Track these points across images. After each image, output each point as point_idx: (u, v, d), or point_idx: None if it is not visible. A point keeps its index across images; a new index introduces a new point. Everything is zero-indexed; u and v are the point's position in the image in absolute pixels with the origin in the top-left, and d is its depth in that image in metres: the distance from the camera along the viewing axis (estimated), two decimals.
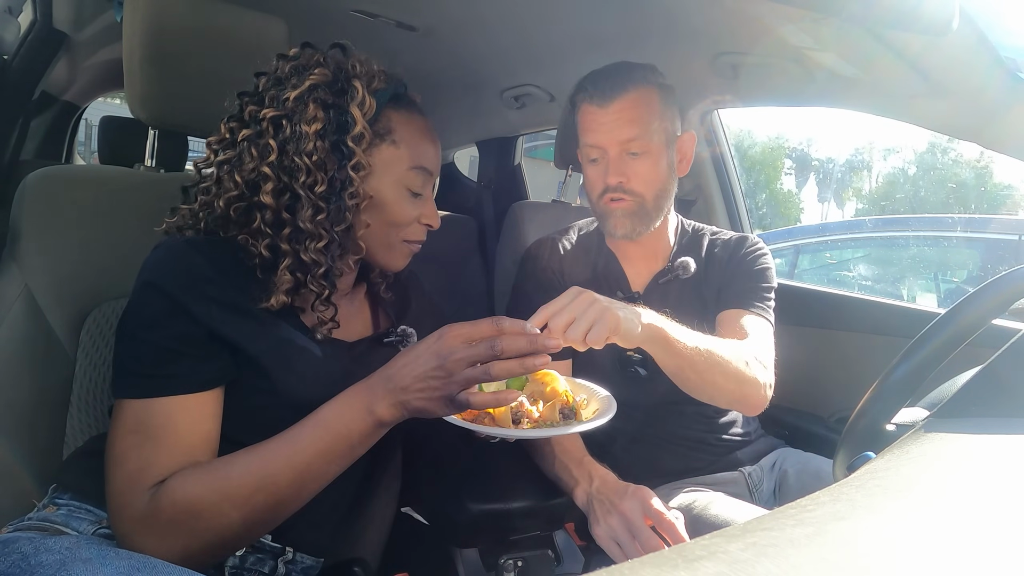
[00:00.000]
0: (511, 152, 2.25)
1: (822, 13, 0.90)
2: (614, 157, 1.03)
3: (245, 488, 0.64)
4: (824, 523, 0.33)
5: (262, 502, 0.65)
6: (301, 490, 0.67)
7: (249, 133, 0.74)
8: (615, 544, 0.81)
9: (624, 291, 1.10)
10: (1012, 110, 0.94)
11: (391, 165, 0.77)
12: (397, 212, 0.78)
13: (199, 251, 0.71)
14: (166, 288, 0.68)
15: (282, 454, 0.66)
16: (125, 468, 0.65)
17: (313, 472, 0.67)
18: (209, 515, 0.64)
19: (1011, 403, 0.53)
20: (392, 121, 0.77)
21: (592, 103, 1.03)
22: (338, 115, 0.73)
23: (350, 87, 0.74)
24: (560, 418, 0.77)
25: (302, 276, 0.73)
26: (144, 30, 0.89)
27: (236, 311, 0.70)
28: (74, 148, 3.00)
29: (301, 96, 0.72)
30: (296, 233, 0.72)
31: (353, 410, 0.67)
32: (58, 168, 0.92)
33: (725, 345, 0.90)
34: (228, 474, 0.65)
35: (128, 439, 0.66)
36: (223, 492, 0.64)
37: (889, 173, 17.92)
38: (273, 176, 0.72)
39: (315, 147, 0.71)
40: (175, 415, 0.66)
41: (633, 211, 1.04)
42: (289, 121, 0.72)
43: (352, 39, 0.81)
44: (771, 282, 1.10)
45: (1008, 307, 0.66)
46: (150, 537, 0.63)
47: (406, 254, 0.83)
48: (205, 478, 0.65)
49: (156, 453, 0.65)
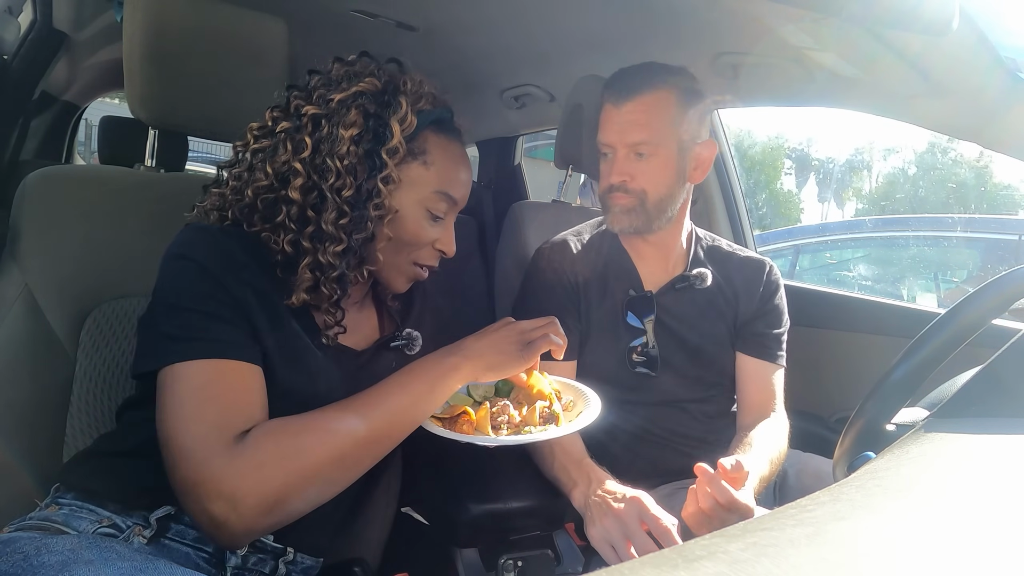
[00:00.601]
0: (511, 152, 2.25)
1: (822, 13, 0.90)
2: (620, 156, 1.04)
3: (348, 425, 0.66)
4: (824, 523, 0.33)
5: (360, 440, 0.67)
6: (392, 431, 0.70)
7: (288, 126, 0.75)
8: (609, 547, 0.81)
9: (636, 289, 1.10)
10: (1012, 110, 0.94)
11: (417, 184, 0.77)
12: (413, 231, 0.78)
13: (230, 237, 0.72)
14: (204, 264, 0.68)
15: (377, 396, 0.70)
16: (203, 420, 0.62)
17: (402, 413, 0.70)
18: (311, 447, 0.64)
19: (1011, 403, 0.53)
20: (429, 143, 0.78)
21: (610, 100, 1.05)
22: (377, 125, 0.73)
23: (395, 101, 0.75)
24: (540, 423, 0.77)
25: (319, 276, 0.73)
26: (144, 30, 0.89)
27: (264, 300, 0.71)
28: (74, 148, 3.00)
29: (345, 100, 0.73)
30: (318, 233, 0.72)
31: (431, 361, 0.74)
32: (58, 168, 0.93)
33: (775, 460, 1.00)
34: (327, 414, 0.67)
35: (200, 394, 0.64)
36: (321, 426, 0.65)
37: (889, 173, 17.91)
38: (303, 173, 0.72)
39: (348, 151, 0.72)
40: (243, 377, 0.66)
41: (631, 208, 1.04)
42: (328, 121, 0.73)
43: (352, 39, 0.81)
44: (787, 321, 1.15)
45: (1008, 307, 0.65)
46: (248, 478, 0.60)
47: (410, 277, 0.82)
48: (301, 417, 0.66)
49: (236, 404, 0.64)
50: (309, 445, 0.64)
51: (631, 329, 1.08)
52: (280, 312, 0.72)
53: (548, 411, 0.78)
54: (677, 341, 1.09)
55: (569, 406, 0.82)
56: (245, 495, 0.60)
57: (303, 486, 0.63)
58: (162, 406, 0.64)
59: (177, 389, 0.64)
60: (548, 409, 0.78)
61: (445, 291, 0.96)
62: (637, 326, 1.08)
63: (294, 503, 0.64)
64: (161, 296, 0.69)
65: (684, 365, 1.09)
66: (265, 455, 0.62)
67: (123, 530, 0.69)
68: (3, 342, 0.83)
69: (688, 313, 1.10)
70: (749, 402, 1.11)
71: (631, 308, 1.09)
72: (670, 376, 1.08)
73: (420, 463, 1.04)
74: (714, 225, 1.80)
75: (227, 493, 0.60)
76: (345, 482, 0.68)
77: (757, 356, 1.11)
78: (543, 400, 0.79)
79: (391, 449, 0.71)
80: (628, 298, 1.09)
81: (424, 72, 0.81)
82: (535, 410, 0.77)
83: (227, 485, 0.60)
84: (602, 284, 1.11)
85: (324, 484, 0.66)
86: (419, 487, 1.05)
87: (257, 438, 0.62)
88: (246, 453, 0.61)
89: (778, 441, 1.03)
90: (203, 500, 0.60)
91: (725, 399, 1.14)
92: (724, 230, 1.81)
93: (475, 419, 0.75)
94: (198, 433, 0.62)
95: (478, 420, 0.75)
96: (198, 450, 0.61)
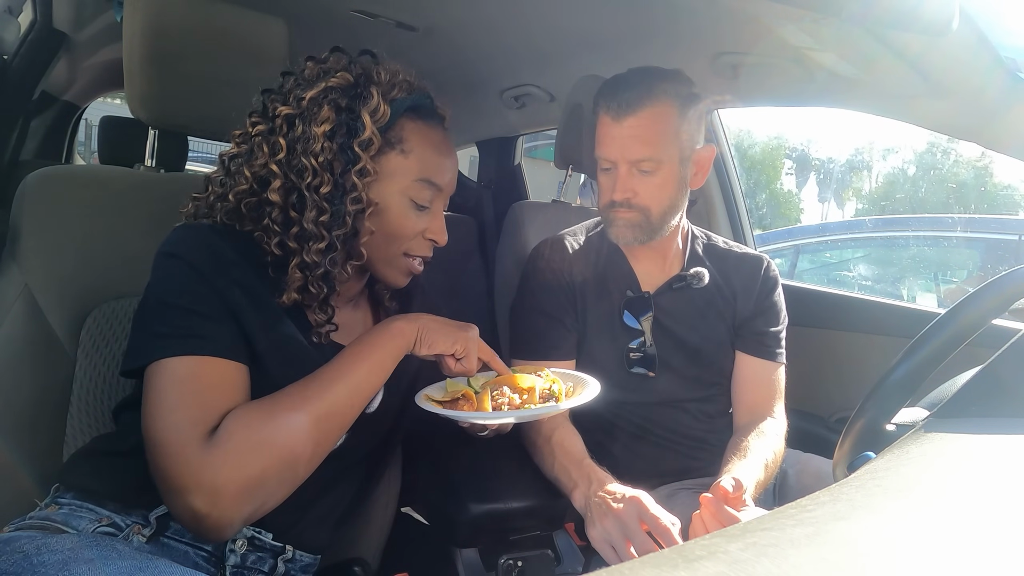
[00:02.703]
0: (511, 152, 2.25)
1: (822, 13, 0.90)
2: (623, 173, 1.01)
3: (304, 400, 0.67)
4: (824, 523, 0.33)
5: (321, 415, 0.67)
6: (352, 402, 0.71)
7: (263, 128, 0.75)
8: (609, 547, 0.81)
9: (634, 290, 1.10)
10: (1012, 110, 0.94)
11: (397, 174, 0.76)
12: (398, 223, 0.77)
13: (221, 236, 0.72)
14: (193, 262, 0.68)
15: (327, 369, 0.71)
16: (182, 414, 0.63)
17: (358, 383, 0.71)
18: (281, 429, 0.64)
19: (1011, 403, 0.53)
20: (406, 131, 0.77)
21: (608, 114, 1.01)
22: (349, 119, 0.73)
23: (366, 93, 0.74)
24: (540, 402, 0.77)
25: (307, 275, 0.73)
26: (144, 30, 0.89)
27: (254, 298, 0.71)
28: (74, 148, 3.00)
29: (316, 97, 0.73)
30: (302, 232, 0.72)
31: (377, 328, 0.76)
32: (58, 168, 0.93)
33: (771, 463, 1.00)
34: (287, 397, 0.67)
35: (180, 388, 0.64)
36: (287, 406, 0.66)
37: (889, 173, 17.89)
38: (281, 174, 0.73)
39: (322, 148, 0.72)
40: (224, 373, 0.66)
41: (637, 223, 1.03)
42: (302, 121, 0.73)
43: (352, 39, 0.81)
44: (785, 318, 1.15)
45: (1008, 307, 0.65)
46: (225, 467, 0.61)
47: (405, 271, 0.82)
48: (265, 401, 0.66)
49: (214, 399, 0.64)
50: (279, 426, 0.64)
51: (629, 330, 1.08)
52: (273, 310, 0.72)
53: (548, 392, 0.78)
54: (675, 341, 1.09)
55: (569, 392, 0.82)
56: (224, 484, 0.60)
57: (280, 468, 0.64)
58: (145, 402, 0.65)
59: (159, 384, 0.65)
60: (548, 391, 0.79)
61: (444, 291, 0.96)
62: (635, 327, 1.08)
63: (273, 488, 0.64)
64: (149, 294, 0.70)
65: (683, 365, 1.09)
66: (239, 443, 0.62)
67: (122, 529, 0.69)
68: (3, 342, 0.83)
69: (687, 313, 1.10)
70: (746, 401, 1.11)
71: (628, 309, 1.09)
72: (669, 376, 1.08)
73: (420, 463, 1.04)
74: (714, 225, 1.80)
75: (207, 485, 0.60)
76: (319, 457, 0.68)
77: (757, 355, 1.11)
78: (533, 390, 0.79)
79: (356, 416, 0.72)
80: (625, 299, 1.09)
81: (424, 72, 0.81)
82: (535, 391, 0.77)
83: (206, 477, 0.60)
84: (599, 285, 1.10)
85: (300, 463, 0.66)
86: (419, 487, 1.05)
87: (228, 427, 0.63)
88: (220, 443, 0.62)
89: (774, 444, 1.02)
90: (183, 494, 0.60)
91: (725, 398, 1.14)
92: (724, 230, 1.81)
93: (475, 401, 0.75)
94: (175, 427, 0.62)
95: (479, 401, 0.75)
96: (175, 444, 0.62)
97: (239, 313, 0.69)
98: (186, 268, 0.68)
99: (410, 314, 0.78)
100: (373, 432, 0.84)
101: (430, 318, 0.78)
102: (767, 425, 1.05)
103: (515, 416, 0.76)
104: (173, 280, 0.69)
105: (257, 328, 0.70)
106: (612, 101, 1.00)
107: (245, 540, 0.75)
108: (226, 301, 0.68)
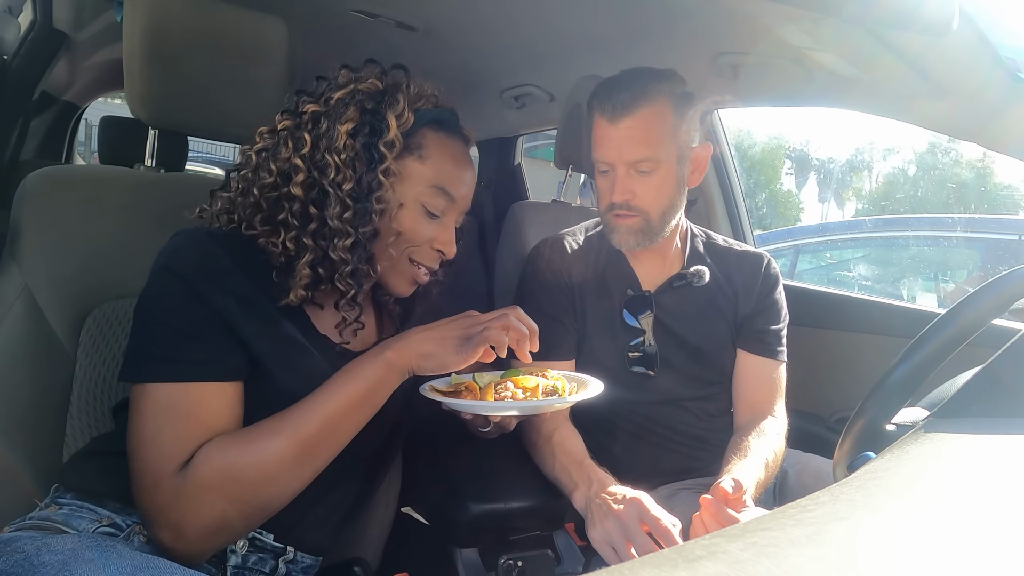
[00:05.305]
0: (511, 152, 2.25)
1: (822, 13, 0.90)
2: (621, 175, 1.01)
3: (278, 444, 0.66)
4: (824, 523, 0.33)
5: (295, 455, 0.67)
6: (329, 440, 0.70)
7: (289, 124, 0.76)
8: (610, 548, 0.81)
9: (634, 289, 1.10)
10: (1012, 110, 0.94)
11: (412, 179, 0.78)
12: (408, 227, 0.78)
13: (219, 243, 0.72)
14: (186, 275, 0.69)
15: (308, 407, 0.69)
16: (157, 445, 0.65)
17: (338, 420, 0.70)
18: (248, 475, 0.65)
19: (1011, 403, 0.53)
20: (426, 139, 0.79)
21: (603, 116, 1.01)
22: (374, 120, 0.75)
23: (393, 99, 0.76)
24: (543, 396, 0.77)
25: (324, 273, 0.74)
26: (144, 30, 0.89)
27: (252, 306, 0.71)
28: (74, 148, 3.00)
29: (344, 98, 0.75)
30: (322, 228, 0.73)
31: (367, 359, 0.73)
32: (58, 168, 0.93)
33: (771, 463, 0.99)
34: (260, 432, 0.67)
35: (159, 418, 0.66)
36: (259, 450, 0.66)
37: (889, 173, 17.90)
38: (304, 169, 0.74)
39: (345, 145, 0.73)
40: (206, 400, 0.67)
41: (638, 228, 1.03)
42: (327, 118, 0.75)
43: (352, 39, 0.81)
44: (786, 316, 1.15)
45: (1008, 307, 0.65)
46: (189, 507, 0.63)
47: (410, 279, 0.82)
48: (238, 440, 0.66)
49: (189, 430, 0.65)
50: (245, 466, 0.65)
51: (629, 329, 1.08)
52: (272, 316, 0.73)
53: (552, 389, 0.78)
54: (676, 340, 1.09)
55: (572, 390, 0.82)
56: (188, 525, 0.64)
57: (242, 508, 0.66)
58: (130, 421, 0.67)
59: (141, 407, 0.67)
60: (552, 387, 0.78)
61: (445, 292, 0.95)
62: (635, 326, 1.08)
63: (236, 524, 0.67)
64: (143, 306, 0.71)
65: (684, 364, 1.09)
66: (204, 482, 0.64)
67: (123, 529, 0.70)
68: (3, 342, 0.83)
69: (687, 312, 1.10)
70: (746, 400, 1.11)
71: (628, 308, 1.09)
72: (670, 375, 1.08)
73: (420, 463, 1.04)
74: (714, 225, 1.80)
75: (172, 523, 0.64)
76: (288, 495, 0.69)
77: (758, 353, 1.11)
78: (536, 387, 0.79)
79: (337, 454, 0.71)
80: (625, 298, 1.09)
81: (424, 72, 0.82)
82: (538, 386, 0.77)
83: (172, 515, 0.64)
84: (599, 284, 1.10)
85: (265, 500, 0.68)
86: (419, 487, 1.05)
87: (197, 463, 0.64)
88: (187, 479, 0.64)
89: (774, 443, 1.02)
90: (152, 526, 0.65)
91: (726, 397, 1.14)
92: (724, 230, 1.81)
93: (479, 394, 0.75)
94: (150, 458, 0.65)
95: (483, 395, 0.75)
96: (149, 475, 0.65)
97: (234, 323, 0.69)
98: (179, 283, 0.69)
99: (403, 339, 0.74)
100: (375, 433, 0.84)
101: (424, 336, 0.73)
102: (768, 424, 1.05)
103: (519, 408, 0.76)
104: (164, 298, 0.69)
105: (254, 335, 0.70)
106: (607, 103, 1.00)
107: (246, 541, 0.75)
108: (219, 313, 0.69)
